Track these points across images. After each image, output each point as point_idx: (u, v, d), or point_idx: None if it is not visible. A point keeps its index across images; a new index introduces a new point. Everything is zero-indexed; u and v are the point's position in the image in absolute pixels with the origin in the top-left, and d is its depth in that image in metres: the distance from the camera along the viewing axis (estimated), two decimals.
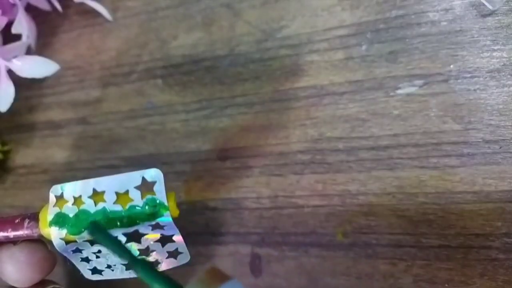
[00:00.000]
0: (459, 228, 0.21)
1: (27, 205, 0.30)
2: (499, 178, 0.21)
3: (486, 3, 0.21)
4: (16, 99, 0.27)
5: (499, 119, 0.21)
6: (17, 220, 0.19)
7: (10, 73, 0.26)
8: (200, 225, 0.26)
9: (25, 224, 0.19)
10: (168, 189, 0.18)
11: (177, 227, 0.19)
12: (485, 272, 0.21)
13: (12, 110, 0.27)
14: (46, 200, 0.19)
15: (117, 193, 0.18)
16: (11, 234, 0.19)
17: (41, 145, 0.31)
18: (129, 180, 0.18)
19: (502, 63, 0.21)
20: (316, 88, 0.24)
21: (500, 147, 0.21)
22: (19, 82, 0.27)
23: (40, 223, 0.19)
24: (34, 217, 0.19)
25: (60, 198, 0.18)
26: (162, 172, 0.18)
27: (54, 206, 0.18)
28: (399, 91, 0.23)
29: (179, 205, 0.27)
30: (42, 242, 0.20)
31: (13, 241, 0.20)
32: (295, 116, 0.24)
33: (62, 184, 0.18)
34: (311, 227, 0.24)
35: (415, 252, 0.22)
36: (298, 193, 0.24)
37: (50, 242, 0.19)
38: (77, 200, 0.18)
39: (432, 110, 0.22)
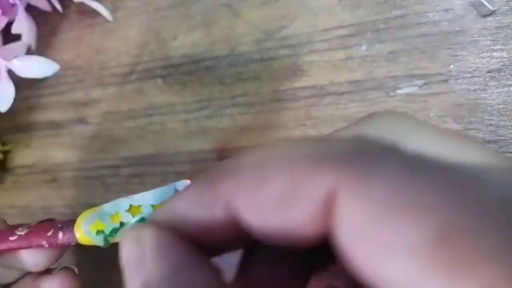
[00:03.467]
0: None
1: (27, 205, 0.30)
2: None
3: (486, 3, 0.21)
4: (16, 99, 0.26)
5: (499, 119, 0.21)
6: (49, 233, 0.19)
7: (10, 73, 0.26)
8: None
9: (60, 236, 0.19)
10: None
11: None
12: None
13: (12, 110, 0.26)
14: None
15: (153, 206, 0.19)
16: (46, 244, 0.19)
17: (41, 145, 0.31)
18: (163, 193, 0.19)
19: (502, 63, 0.21)
20: (316, 88, 0.24)
21: (500, 147, 0.21)
22: (19, 82, 0.27)
23: (78, 233, 0.19)
24: (68, 227, 0.19)
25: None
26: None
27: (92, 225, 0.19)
28: (399, 91, 0.23)
29: None
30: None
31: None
32: (295, 116, 0.24)
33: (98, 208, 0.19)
34: None
35: None
36: None
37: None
38: (113, 217, 0.19)
39: (432, 110, 0.22)
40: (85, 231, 0.18)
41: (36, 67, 0.26)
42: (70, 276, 0.21)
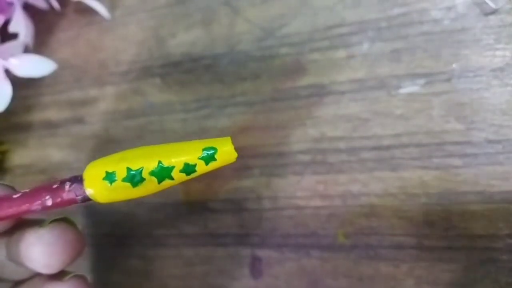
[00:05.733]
0: (461, 229, 0.21)
1: None
2: (502, 178, 0.21)
3: (489, 2, 0.21)
4: (13, 98, 0.26)
5: (502, 119, 0.21)
6: (55, 185, 0.17)
7: (7, 72, 0.26)
8: (199, 226, 0.26)
9: (66, 187, 0.17)
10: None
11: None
12: (488, 274, 0.21)
13: (9, 109, 0.26)
14: None
15: None
16: (49, 202, 0.17)
17: (39, 145, 0.30)
18: None
19: (505, 62, 0.21)
20: (317, 87, 0.24)
21: (503, 147, 0.21)
22: (16, 81, 0.26)
23: (87, 182, 0.17)
24: (76, 179, 0.17)
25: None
26: None
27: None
28: (401, 90, 0.22)
29: (178, 205, 0.27)
30: (70, 221, 0.19)
31: (49, 209, 0.18)
32: (295, 116, 0.24)
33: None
34: (312, 228, 0.23)
35: (417, 253, 0.22)
36: (299, 194, 0.24)
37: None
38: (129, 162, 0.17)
39: (434, 109, 0.22)
40: (93, 176, 0.17)
41: (33, 66, 0.26)
42: (81, 285, 0.19)
